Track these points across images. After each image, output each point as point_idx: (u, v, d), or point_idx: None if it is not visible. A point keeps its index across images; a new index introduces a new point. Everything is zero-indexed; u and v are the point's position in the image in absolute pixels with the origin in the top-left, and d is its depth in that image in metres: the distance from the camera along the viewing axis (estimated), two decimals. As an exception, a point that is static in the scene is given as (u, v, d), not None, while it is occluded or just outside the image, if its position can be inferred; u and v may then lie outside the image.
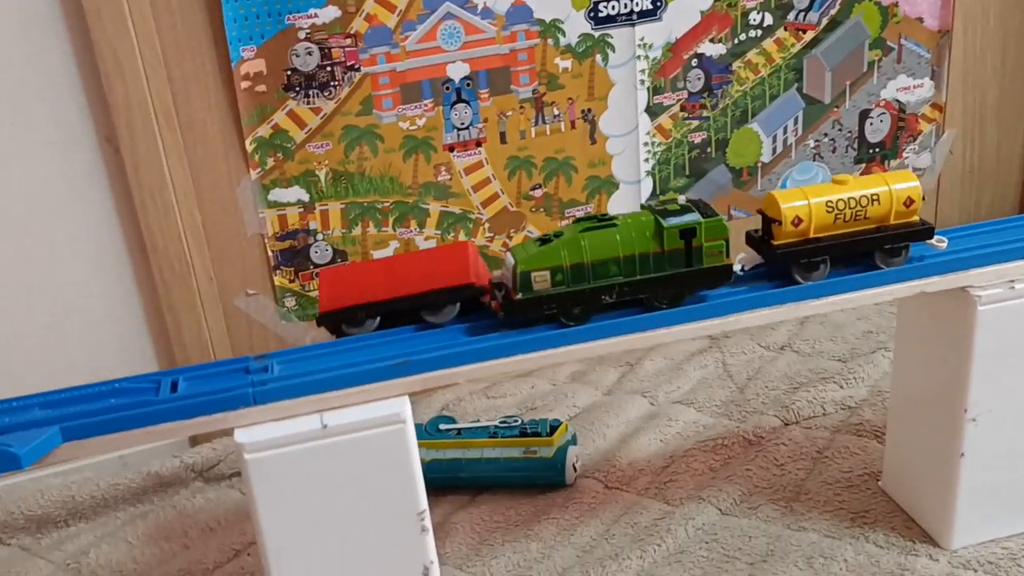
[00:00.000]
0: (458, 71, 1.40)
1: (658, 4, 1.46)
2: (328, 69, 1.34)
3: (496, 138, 1.46)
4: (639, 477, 1.23)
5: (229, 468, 1.34)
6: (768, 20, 1.53)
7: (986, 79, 1.67)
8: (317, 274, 1.44)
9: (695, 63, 1.52)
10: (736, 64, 1.54)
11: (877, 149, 1.67)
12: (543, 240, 0.91)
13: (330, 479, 0.85)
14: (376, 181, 1.42)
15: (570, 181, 1.52)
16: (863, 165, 1.67)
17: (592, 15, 1.44)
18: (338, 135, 1.38)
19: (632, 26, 1.46)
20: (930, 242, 0.97)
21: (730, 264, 0.92)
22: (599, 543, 1.12)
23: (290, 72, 1.33)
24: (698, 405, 1.38)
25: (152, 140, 1.28)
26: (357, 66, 1.35)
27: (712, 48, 1.52)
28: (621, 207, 1.56)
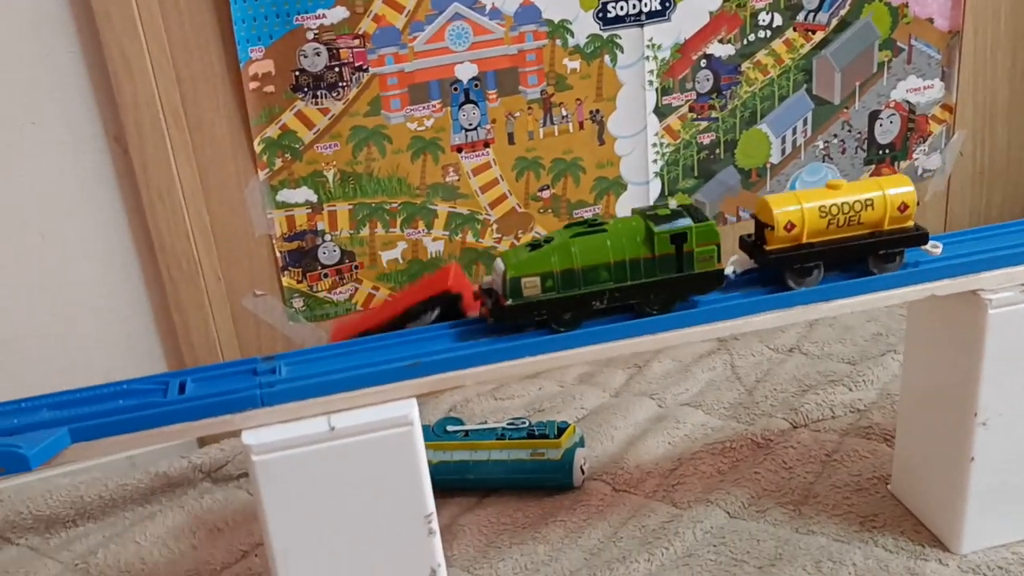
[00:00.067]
0: (466, 72, 1.40)
1: (667, 5, 1.46)
2: (336, 70, 1.34)
3: (504, 139, 1.46)
4: (647, 479, 1.23)
5: (237, 469, 1.34)
6: (777, 21, 1.52)
7: (996, 80, 1.66)
8: (326, 274, 1.44)
9: (704, 64, 1.51)
10: (745, 65, 1.53)
11: (887, 150, 1.67)
12: (533, 246, 0.90)
13: (337, 481, 0.85)
14: (384, 182, 1.42)
15: (578, 182, 1.52)
16: (872, 166, 1.67)
17: (600, 16, 1.43)
18: (346, 136, 1.38)
19: (641, 27, 1.46)
20: (925, 248, 0.96)
21: (721, 269, 0.91)
22: (607, 546, 1.11)
23: (298, 73, 1.33)
24: (706, 407, 1.38)
25: (160, 140, 1.29)
26: (365, 67, 1.35)
27: (721, 49, 1.51)
28: (630, 208, 1.55)
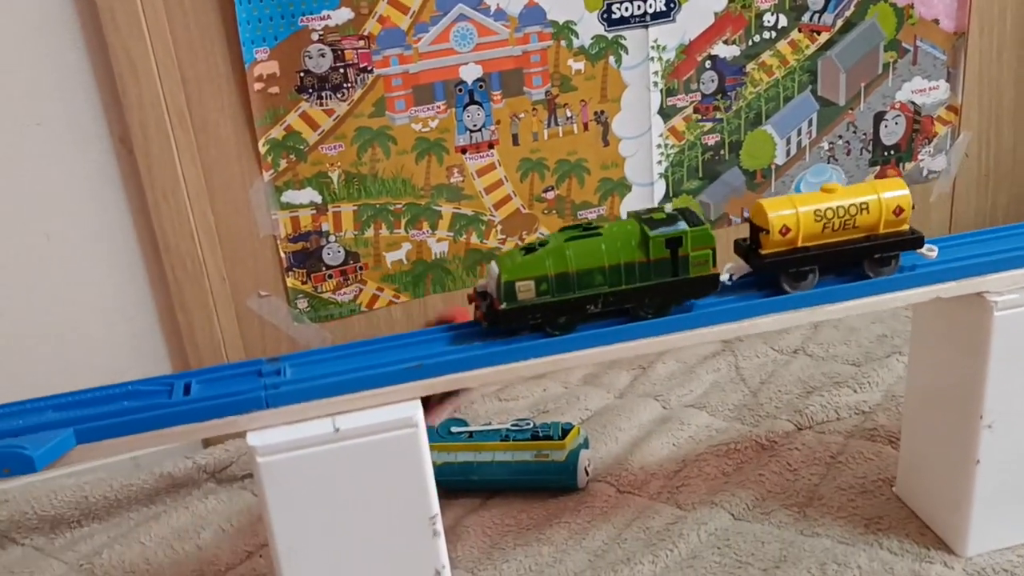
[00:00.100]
0: (471, 73, 1.40)
1: (672, 5, 1.46)
2: (341, 71, 1.34)
3: (509, 140, 1.46)
4: (651, 481, 1.23)
5: (241, 470, 1.34)
6: (782, 22, 1.52)
7: (1002, 81, 1.66)
8: (330, 275, 1.44)
9: (709, 65, 1.51)
10: (750, 66, 1.53)
11: (892, 151, 1.66)
12: (528, 249, 0.90)
13: (342, 483, 0.85)
14: (388, 183, 1.42)
15: (583, 183, 1.52)
16: (877, 168, 1.67)
17: (605, 17, 1.43)
18: (351, 137, 1.38)
19: (645, 28, 1.46)
20: (920, 251, 0.96)
21: (716, 274, 0.91)
22: (611, 547, 1.11)
23: (303, 74, 1.33)
24: (711, 409, 1.38)
25: (165, 141, 1.29)
26: (370, 68, 1.35)
27: (726, 50, 1.51)
28: (634, 209, 1.55)
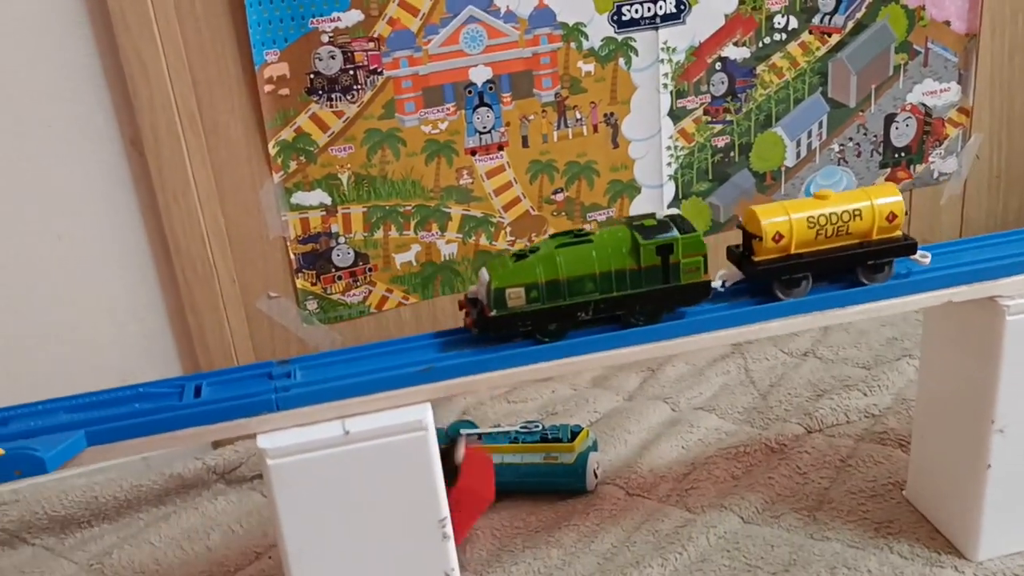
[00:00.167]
0: (480, 75, 1.40)
1: (682, 7, 1.45)
2: (351, 73, 1.34)
3: (518, 142, 1.46)
4: (660, 484, 1.22)
5: (251, 471, 1.34)
6: (793, 23, 1.52)
7: (1014, 83, 1.65)
8: (340, 276, 1.44)
9: (719, 67, 1.51)
10: (760, 68, 1.53)
11: (902, 154, 1.66)
12: (518, 256, 0.90)
13: (352, 485, 0.85)
14: (398, 185, 1.42)
15: (592, 185, 1.52)
16: (888, 170, 1.66)
17: (615, 18, 1.43)
18: (360, 139, 1.38)
19: (655, 29, 1.46)
20: (914, 257, 0.95)
21: (708, 281, 0.91)
22: (620, 550, 1.11)
23: (313, 76, 1.33)
24: (720, 411, 1.37)
25: (176, 143, 1.29)
26: (380, 70, 1.35)
27: (736, 52, 1.51)
28: (643, 211, 1.55)
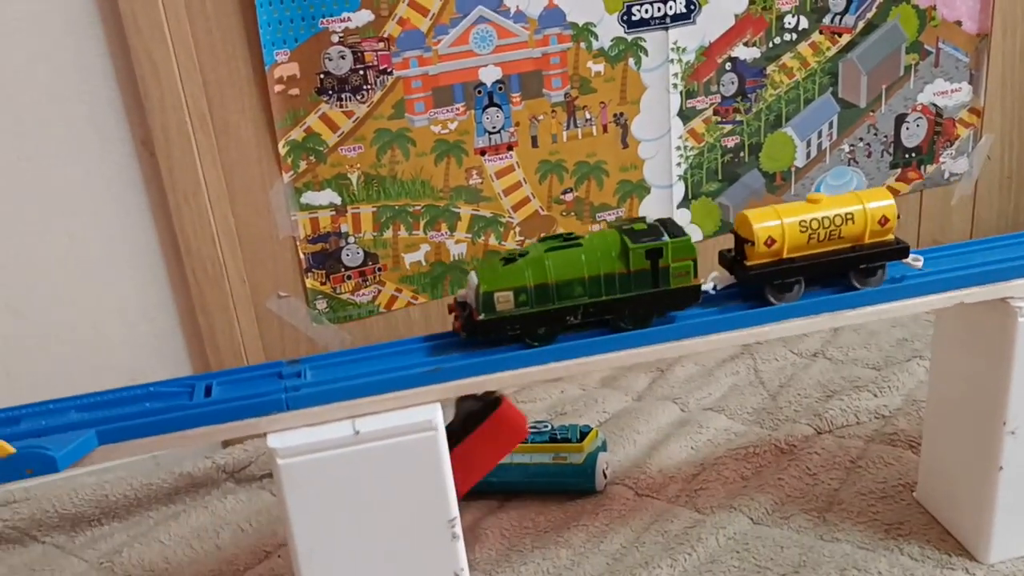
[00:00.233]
0: (490, 75, 1.40)
1: (692, 7, 1.45)
2: (361, 73, 1.35)
3: (528, 142, 1.46)
4: (670, 484, 1.22)
5: (260, 469, 1.34)
6: (803, 23, 1.51)
7: (1026, 83, 1.64)
8: (349, 276, 1.44)
9: (729, 67, 1.51)
10: (770, 68, 1.53)
11: (913, 154, 1.65)
12: (507, 260, 0.90)
13: (362, 485, 0.85)
14: (407, 184, 1.42)
15: (601, 185, 1.52)
16: (898, 170, 1.65)
17: (625, 19, 1.43)
18: (370, 139, 1.38)
19: (665, 30, 1.45)
20: (906, 261, 0.95)
21: (698, 285, 0.90)
22: (629, 551, 1.11)
23: (323, 75, 1.33)
24: (729, 412, 1.37)
25: (187, 143, 1.29)
26: (389, 70, 1.36)
27: (746, 52, 1.51)
28: (653, 211, 1.55)
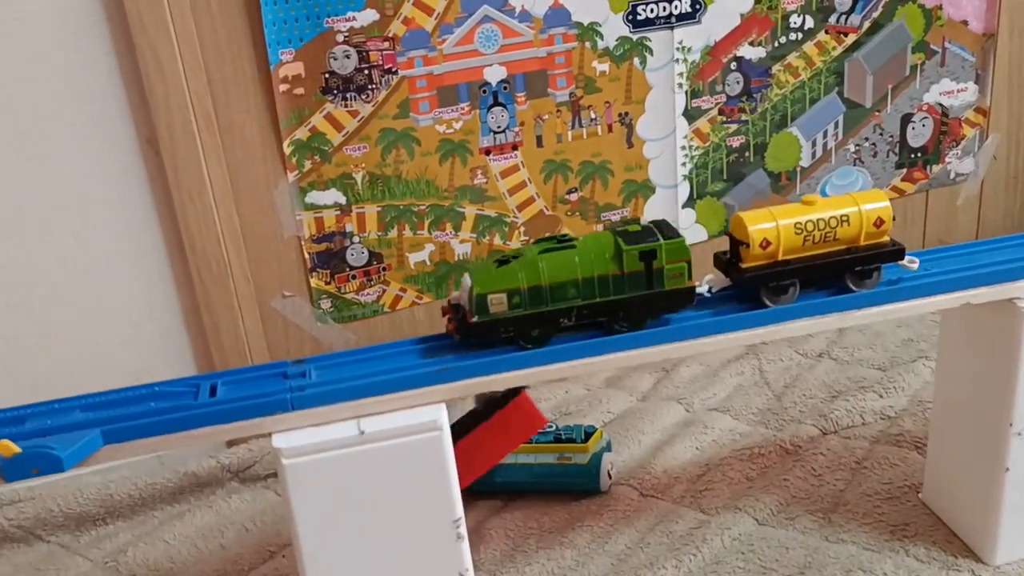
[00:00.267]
0: (495, 74, 1.40)
1: (697, 7, 1.45)
2: (365, 72, 1.34)
3: (532, 141, 1.45)
4: (674, 485, 1.22)
5: (265, 469, 1.34)
6: (809, 23, 1.51)
7: (1032, 83, 1.64)
8: (354, 275, 1.44)
9: (734, 66, 1.50)
10: (776, 67, 1.52)
11: (919, 154, 1.65)
12: (501, 262, 0.89)
13: (367, 485, 0.85)
14: (412, 184, 1.42)
15: (606, 185, 1.51)
16: (904, 170, 1.65)
17: (630, 18, 1.43)
18: (375, 138, 1.38)
19: (671, 29, 1.45)
20: (902, 263, 0.94)
21: (692, 287, 0.90)
22: (634, 551, 1.11)
23: (328, 75, 1.33)
24: (734, 412, 1.37)
25: (191, 142, 1.29)
26: (394, 69, 1.35)
27: (751, 51, 1.50)
28: (658, 211, 1.55)
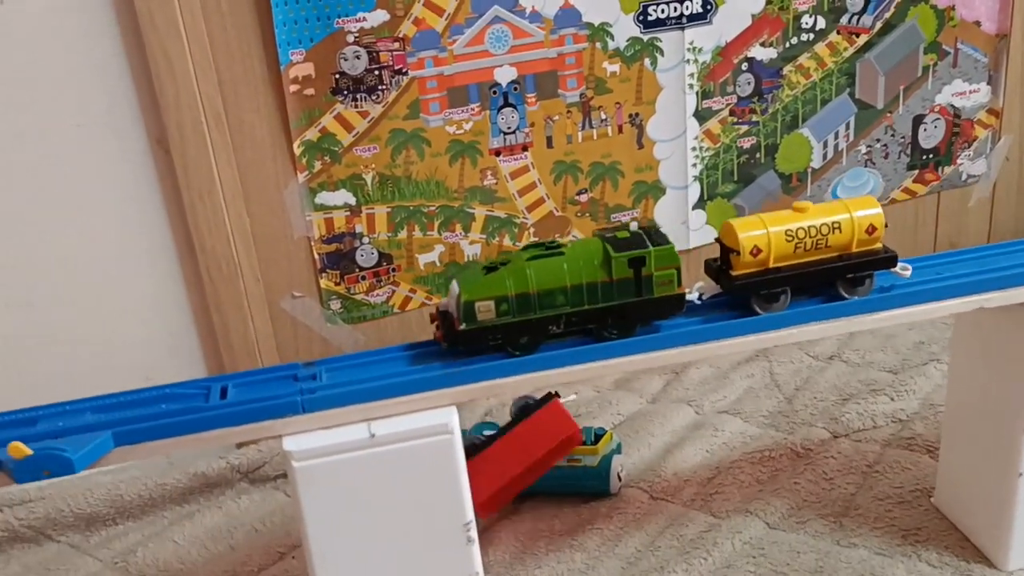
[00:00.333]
0: (505, 75, 1.40)
1: (708, 7, 1.44)
2: (376, 73, 1.34)
3: (543, 142, 1.45)
4: (685, 488, 1.22)
5: (274, 470, 1.34)
6: (820, 24, 1.50)
7: (1045, 84, 1.63)
8: (363, 276, 1.44)
9: (745, 67, 1.50)
10: (787, 68, 1.52)
11: (931, 155, 1.64)
12: (489, 268, 0.89)
13: (377, 488, 0.85)
14: (422, 185, 1.42)
15: (616, 186, 1.51)
16: (916, 171, 1.64)
17: (641, 19, 1.42)
18: (385, 139, 1.38)
19: (681, 30, 1.45)
20: (894, 270, 0.93)
21: (682, 294, 0.89)
22: (644, 555, 1.10)
23: (338, 75, 1.33)
24: (745, 415, 1.36)
25: (202, 142, 1.29)
26: (405, 70, 1.35)
27: (763, 52, 1.50)
28: (668, 212, 1.54)
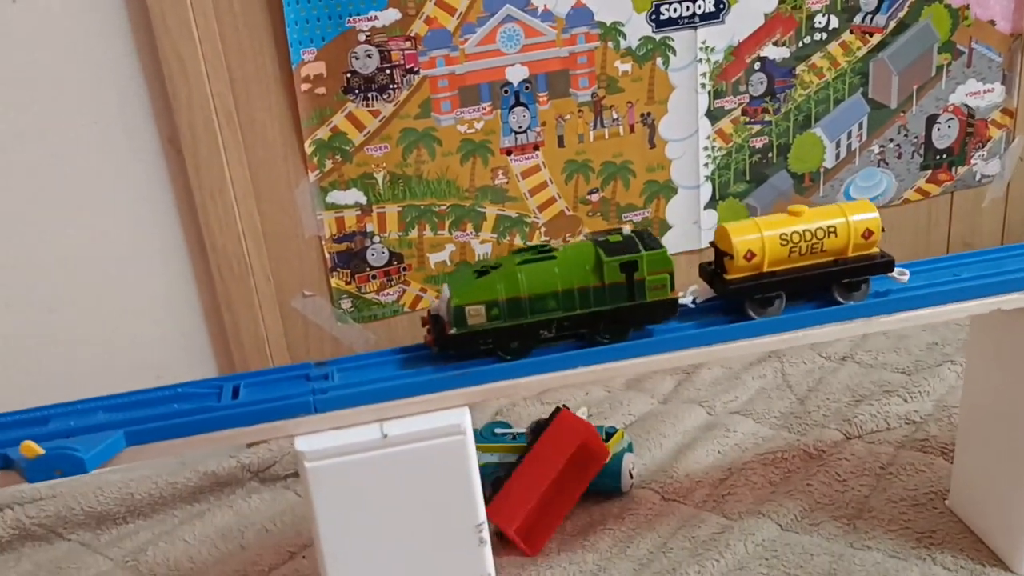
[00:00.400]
0: (517, 74, 1.39)
1: (721, 6, 1.44)
2: (387, 72, 1.34)
3: (554, 142, 1.45)
4: (697, 489, 1.21)
5: (285, 469, 1.34)
6: (834, 23, 1.49)
7: (1060, 84, 1.62)
8: (374, 275, 1.44)
9: (758, 67, 1.49)
10: (800, 68, 1.51)
11: (944, 155, 1.63)
12: (480, 272, 0.88)
13: (389, 489, 0.85)
14: (433, 184, 1.41)
15: (628, 186, 1.50)
16: (929, 171, 1.63)
17: (653, 18, 1.42)
18: (396, 138, 1.37)
19: (694, 29, 1.44)
20: (891, 275, 0.92)
21: (675, 298, 0.89)
22: (656, 556, 1.10)
23: (350, 74, 1.33)
24: (757, 416, 1.36)
25: (213, 141, 1.29)
26: (416, 69, 1.35)
27: (775, 51, 1.49)
28: (680, 212, 1.54)
